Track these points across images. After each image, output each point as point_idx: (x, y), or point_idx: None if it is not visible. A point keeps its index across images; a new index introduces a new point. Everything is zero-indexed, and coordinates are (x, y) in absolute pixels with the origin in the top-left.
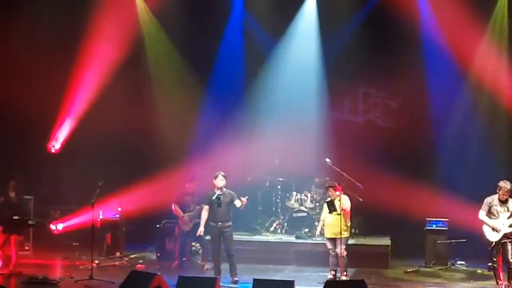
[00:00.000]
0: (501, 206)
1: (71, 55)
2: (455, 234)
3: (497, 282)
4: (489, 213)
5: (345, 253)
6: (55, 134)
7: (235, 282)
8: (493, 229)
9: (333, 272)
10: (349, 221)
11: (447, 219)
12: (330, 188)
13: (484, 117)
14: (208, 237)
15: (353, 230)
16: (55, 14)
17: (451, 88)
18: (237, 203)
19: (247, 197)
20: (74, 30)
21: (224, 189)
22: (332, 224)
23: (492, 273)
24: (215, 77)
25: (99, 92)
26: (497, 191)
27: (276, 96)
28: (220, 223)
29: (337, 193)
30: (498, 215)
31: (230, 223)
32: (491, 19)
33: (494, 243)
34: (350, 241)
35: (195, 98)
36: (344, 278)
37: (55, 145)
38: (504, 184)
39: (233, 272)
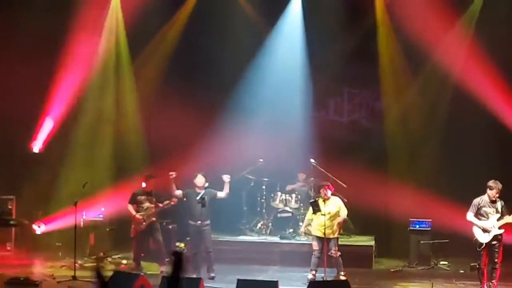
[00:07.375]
0: (489, 207)
1: (53, 54)
2: (438, 234)
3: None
4: (478, 215)
5: (339, 253)
6: (38, 133)
7: (212, 278)
8: (484, 230)
9: (313, 272)
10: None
11: (430, 220)
12: (324, 188)
13: (466, 117)
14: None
15: None
16: (36, 15)
17: (434, 88)
18: (221, 193)
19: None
20: (56, 28)
21: (204, 188)
22: (322, 224)
23: (474, 273)
24: (199, 77)
25: (81, 92)
26: (488, 190)
27: (260, 96)
28: (199, 222)
29: (329, 193)
30: (488, 216)
31: (209, 221)
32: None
33: (484, 245)
34: None
35: (179, 98)
36: (343, 277)
37: (38, 144)
38: (495, 184)
39: (210, 268)
